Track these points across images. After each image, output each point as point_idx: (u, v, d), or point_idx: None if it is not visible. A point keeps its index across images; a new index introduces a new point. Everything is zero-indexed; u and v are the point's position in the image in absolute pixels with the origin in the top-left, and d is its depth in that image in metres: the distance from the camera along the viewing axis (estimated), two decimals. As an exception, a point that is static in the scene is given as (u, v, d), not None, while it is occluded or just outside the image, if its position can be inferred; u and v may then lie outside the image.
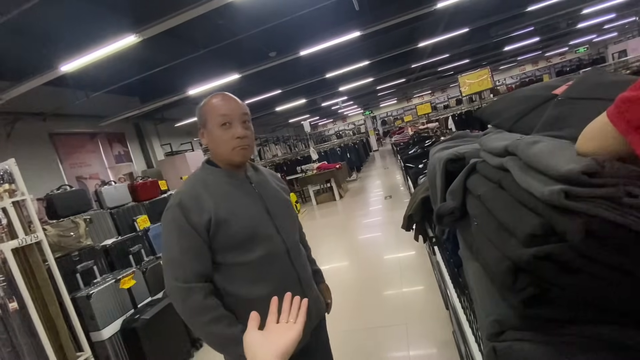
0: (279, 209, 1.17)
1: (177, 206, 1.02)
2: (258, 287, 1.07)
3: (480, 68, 6.27)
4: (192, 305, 0.98)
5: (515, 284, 0.57)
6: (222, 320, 0.99)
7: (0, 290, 1.72)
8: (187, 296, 0.98)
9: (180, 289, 0.99)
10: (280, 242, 1.12)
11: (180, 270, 1.00)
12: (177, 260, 1.01)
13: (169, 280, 1.01)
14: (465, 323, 1.11)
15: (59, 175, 6.54)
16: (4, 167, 1.96)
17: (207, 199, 1.04)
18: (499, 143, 0.79)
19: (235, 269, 1.07)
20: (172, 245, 1.02)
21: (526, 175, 0.59)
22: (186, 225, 1.00)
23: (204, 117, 1.11)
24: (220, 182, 1.10)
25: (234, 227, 1.04)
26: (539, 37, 12.00)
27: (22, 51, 4.86)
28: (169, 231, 1.03)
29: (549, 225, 0.52)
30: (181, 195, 1.05)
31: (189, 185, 1.09)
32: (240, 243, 1.06)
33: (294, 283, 1.14)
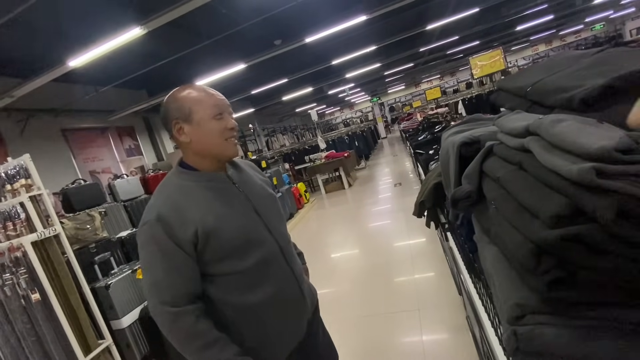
0: (267, 207, 1.09)
1: (156, 222, 0.90)
2: (256, 293, 1.01)
3: (492, 49, 6.07)
4: (182, 331, 0.90)
5: (538, 267, 0.55)
6: (214, 345, 0.91)
7: (22, 282, 1.78)
8: (176, 321, 0.90)
9: (168, 314, 0.90)
10: (274, 243, 1.06)
11: (167, 292, 0.90)
12: (162, 282, 0.90)
13: (154, 303, 0.91)
14: (481, 308, 1.10)
15: (73, 170, 6.67)
16: (20, 162, 2.00)
17: (189, 209, 0.93)
18: (518, 123, 0.76)
19: (231, 278, 0.98)
20: (155, 266, 0.91)
21: (551, 155, 0.56)
22: (169, 243, 0.89)
23: (186, 109, 0.97)
24: (201, 187, 0.99)
25: (224, 236, 0.94)
26: (553, 15, 11.54)
27: (30, 48, 4.91)
28: (149, 250, 0.92)
29: (576, 206, 0.50)
30: (158, 208, 0.92)
31: (164, 195, 0.96)
32: (232, 251, 0.97)
33: (290, 280, 1.10)
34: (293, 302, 1.11)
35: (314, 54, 8.45)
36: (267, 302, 1.02)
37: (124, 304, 2.50)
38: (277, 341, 1.07)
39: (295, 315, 1.12)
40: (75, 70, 4.60)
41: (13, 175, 1.96)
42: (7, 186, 1.96)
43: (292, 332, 1.11)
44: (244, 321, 1.01)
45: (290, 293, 1.10)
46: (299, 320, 1.13)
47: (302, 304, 1.14)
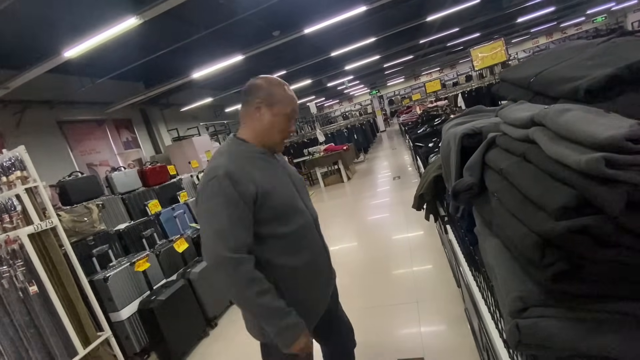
0: (302, 186, 1.27)
1: (225, 176, 1.02)
2: (296, 257, 1.14)
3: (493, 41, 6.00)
4: (243, 276, 1.00)
5: (542, 259, 0.54)
6: (269, 292, 1.03)
7: (20, 274, 1.77)
8: (238, 267, 1.00)
9: (231, 260, 1.00)
10: (309, 216, 1.21)
11: (231, 240, 1.01)
12: (227, 230, 1.01)
13: (218, 250, 1.00)
14: (481, 300, 1.09)
15: (70, 163, 6.63)
16: (15, 154, 1.97)
17: (251, 171, 1.07)
18: (522, 114, 0.74)
19: (276, 240, 1.11)
20: (221, 216, 1.01)
21: (557, 145, 0.55)
22: (235, 196, 1.01)
23: (275, 98, 1.13)
24: (257, 157, 1.14)
25: (276, 200, 1.08)
26: (555, 7, 11.42)
27: (25, 39, 4.82)
28: (216, 202, 1.02)
29: (583, 197, 0.49)
30: (226, 166, 1.05)
31: (231, 157, 1.10)
32: (280, 215, 1.10)
33: (322, 251, 1.25)
34: (324, 273, 1.27)
35: (312, 45, 8.35)
36: (304, 267, 1.16)
37: (123, 297, 2.50)
38: (311, 306, 1.20)
39: (325, 285, 1.28)
40: (70, 61, 4.53)
41: (8, 167, 1.94)
42: (2, 178, 1.94)
43: (323, 300, 1.26)
44: (283, 282, 1.12)
45: (322, 263, 1.25)
46: (328, 290, 1.29)
47: (330, 276, 1.31)
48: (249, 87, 1.15)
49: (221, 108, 12.60)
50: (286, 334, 1.05)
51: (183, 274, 2.89)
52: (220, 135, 11.46)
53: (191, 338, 2.71)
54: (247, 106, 1.15)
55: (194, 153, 7.96)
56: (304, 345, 1.08)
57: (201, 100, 9.93)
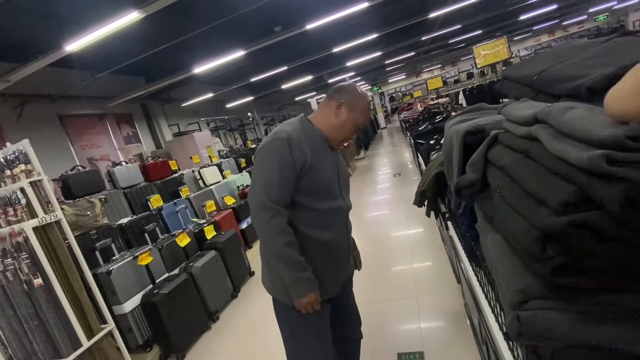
0: (344, 178, 1.38)
1: (285, 140, 1.17)
2: (323, 232, 1.26)
3: (494, 39, 5.99)
4: (277, 225, 1.14)
5: (543, 253, 0.56)
6: (294, 245, 1.17)
7: (24, 267, 1.78)
8: (275, 216, 1.14)
9: (271, 208, 1.14)
10: (343, 204, 1.33)
11: (275, 192, 1.14)
12: (274, 183, 1.15)
13: (261, 197, 1.15)
14: (481, 295, 1.11)
15: (71, 157, 6.63)
16: (19, 147, 1.98)
17: (306, 144, 1.20)
18: (525, 112, 0.75)
19: (307, 212, 1.23)
20: (273, 170, 1.15)
21: (559, 143, 0.56)
22: (289, 158, 1.15)
23: (357, 103, 1.28)
24: (316, 137, 1.27)
25: (319, 176, 1.22)
26: (557, 5, 11.38)
27: (27, 32, 4.81)
28: (273, 158, 1.16)
29: (584, 193, 0.51)
30: (288, 133, 1.19)
31: (294, 128, 1.24)
32: (318, 190, 1.23)
33: (344, 239, 1.36)
34: (342, 258, 1.37)
35: (314, 41, 8.32)
36: (328, 242, 1.27)
37: (126, 290, 2.53)
38: (326, 279, 1.28)
39: (341, 267, 1.37)
40: (71, 55, 4.52)
41: (12, 160, 1.95)
42: (6, 171, 1.95)
43: (336, 280, 1.36)
44: (307, 251, 1.23)
45: (342, 249, 1.35)
46: (342, 273, 1.39)
47: (346, 263, 1.40)
48: (341, 87, 1.31)
49: (222, 103, 12.57)
50: (300, 285, 1.18)
51: (185, 268, 2.91)
52: (221, 131, 11.43)
53: (193, 331, 2.74)
54: (332, 100, 1.29)
55: (195, 148, 7.96)
56: (312, 300, 1.20)
57: (202, 95, 9.91)
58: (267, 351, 2.34)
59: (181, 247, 3.12)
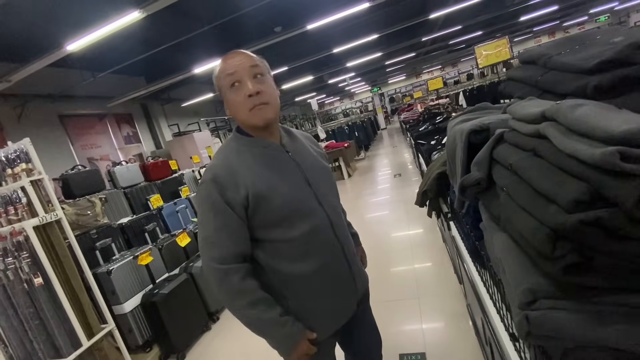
0: (319, 179, 1.08)
1: (211, 181, 0.94)
2: (303, 264, 1.01)
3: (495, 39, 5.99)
4: (229, 288, 0.94)
5: (554, 252, 0.55)
6: (259, 304, 0.95)
7: (25, 266, 1.78)
8: (224, 278, 0.94)
9: (216, 270, 0.94)
10: (323, 215, 1.04)
11: (216, 250, 0.95)
12: (212, 239, 0.95)
13: (205, 259, 0.97)
14: (486, 295, 1.11)
15: (71, 157, 6.62)
16: (20, 146, 1.97)
17: (243, 173, 0.95)
18: (533, 109, 0.75)
19: (279, 245, 1.00)
20: (207, 224, 0.95)
21: (570, 140, 0.56)
22: (221, 203, 0.93)
23: (218, 85, 1.00)
24: (255, 152, 1.00)
25: (274, 203, 0.96)
26: (557, 6, 11.39)
27: (27, 32, 4.80)
28: (204, 209, 0.96)
29: (595, 191, 0.50)
30: (215, 169, 0.96)
31: (222, 157, 1.00)
32: (282, 219, 0.98)
33: (338, 257, 1.08)
34: (341, 279, 1.09)
35: (314, 41, 8.32)
36: (313, 274, 1.02)
37: (126, 290, 2.52)
38: (324, 315, 1.07)
39: (342, 294, 1.11)
40: (72, 55, 4.51)
41: (13, 159, 1.94)
42: (7, 170, 1.94)
43: (339, 310, 1.11)
44: (290, 290, 1.02)
45: (338, 269, 1.08)
46: (347, 299, 1.12)
47: (349, 283, 1.12)
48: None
49: (222, 104, 12.51)
50: (283, 342, 0.99)
51: (185, 268, 2.90)
52: (221, 131, 11.44)
53: (193, 332, 2.73)
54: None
55: (195, 148, 7.95)
56: (305, 349, 1.00)
57: (202, 95, 9.90)
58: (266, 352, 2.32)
59: (181, 247, 3.11)
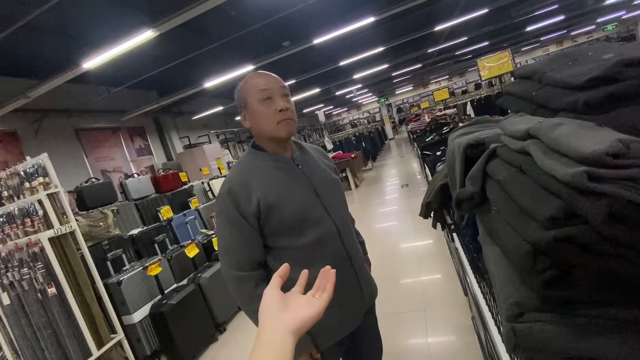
0: (328, 190, 1.14)
1: (227, 195, 1.03)
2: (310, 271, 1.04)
3: (501, 50, 6.03)
4: (243, 294, 1.04)
5: (534, 267, 0.58)
6: None
7: (39, 276, 1.85)
8: (239, 284, 1.04)
9: (233, 277, 1.04)
10: (331, 224, 1.10)
11: (233, 258, 1.04)
12: (229, 248, 1.05)
13: (224, 267, 1.07)
14: (485, 308, 1.12)
15: (85, 169, 6.82)
16: (38, 161, 2.07)
17: (255, 186, 1.03)
18: (520, 126, 0.78)
19: (287, 252, 1.07)
20: (225, 234, 1.05)
21: (549, 158, 0.59)
22: (236, 214, 1.02)
23: (243, 98, 1.09)
24: (267, 166, 1.08)
25: (283, 212, 1.04)
26: (564, 16, 11.38)
27: (46, 50, 5.04)
28: (221, 220, 1.06)
29: (571, 208, 0.53)
30: (230, 183, 1.05)
31: (237, 171, 1.09)
32: (290, 228, 1.05)
33: (346, 265, 1.13)
34: (348, 289, 1.13)
35: (321, 55, 8.49)
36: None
37: (135, 300, 2.57)
38: (329, 325, 1.08)
39: (349, 303, 1.13)
40: (88, 71, 4.71)
41: (32, 173, 2.04)
42: (25, 184, 2.04)
43: (346, 319, 1.13)
44: None
45: (345, 278, 1.11)
46: (354, 309, 1.16)
47: (356, 292, 1.16)
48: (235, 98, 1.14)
49: (232, 116, 12.82)
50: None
51: (193, 279, 2.95)
52: (230, 143, 11.64)
53: (200, 342, 2.75)
54: (240, 116, 1.13)
55: (205, 160, 8.11)
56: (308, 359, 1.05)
57: (212, 108, 10.14)
58: (273, 363, 2.33)
59: (190, 258, 3.17)
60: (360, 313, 1.17)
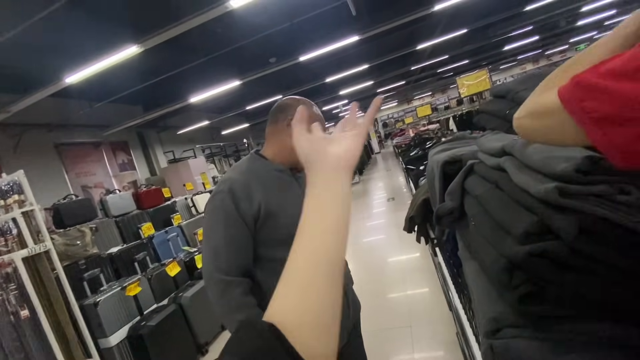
0: None
1: (227, 192, 0.98)
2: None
3: (479, 69, 6.32)
4: (230, 301, 0.95)
5: (511, 282, 0.59)
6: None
7: (12, 297, 1.75)
8: (226, 290, 0.96)
9: (220, 282, 0.96)
10: None
11: (223, 260, 0.97)
12: (220, 249, 0.97)
13: (209, 269, 0.98)
14: (466, 323, 1.12)
15: (65, 185, 6.61)
16: (14, 178, 2.00)
17: (257, 189, 1.01)
18: (495, 144, 0.80)
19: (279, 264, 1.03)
20: (217, 233, 0.98)
21: (522, 174, 0.61)
22: (235, 214, 0.97)
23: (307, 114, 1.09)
24: (271, 175, 1.08)
25: (281, 222, 1.01)
26: (538, 36, 12.02)
27: (28, 64, 4.94)
28: (216, 218, 0.99)
29: (544, 223, 0.54)
30: (232, 181, 1.01)
31: (239, 172, 1.06)
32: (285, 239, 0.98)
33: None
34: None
35: (308, 71, 8.63)
36: None
37: (112, 322, 2.45)
38: None
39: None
40: (71, 85, 4.64)
41: (6, 190, 1.96)
42: (0, 202, 1.96)
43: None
44: None
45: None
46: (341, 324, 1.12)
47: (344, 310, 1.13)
48: (280, 105, 1.13)
49: (218, 130, 12.76)
50: None
51: (174, 299, 2.85)
52: (216, 157, 11.54)
53: (181, 365, 2.64)
54: (277, 123, 1.11)
55: (189, 175, 7.99)
56: None
57: (198, 123, 10.08)
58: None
59: (171, 277, 3.07)
60: (343, 332, 1.13)
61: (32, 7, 3.29)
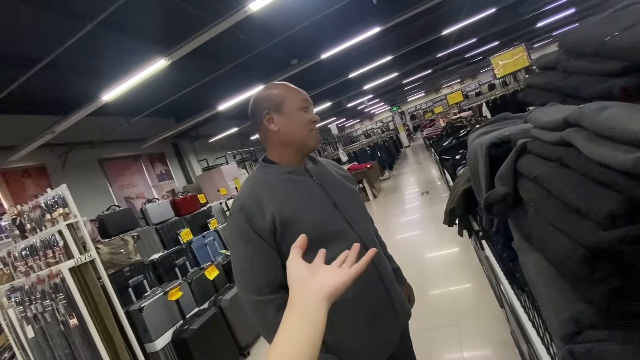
0: (347, 201, 1.08)
1: (239, 212, 0.96)
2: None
3: (513, 47, 5.86)
4: (264, 320, 0.94)
5: (593, 276, 0.48)
6: None
7: (61, 307, 1.84)
8: (258, 310, 0.94)
9: (252, 302, 0.94)
10: (355, 237, 1.02)
11: (251, 281, 0.95)
12: (246, 270, 0.96)
13: (241, 291, 0.97)
14: (528, 323, 1.00)
15: (109, 197, 7.04)
16: (58, 192, 2.11)
17: (268, 200, 0.97)
18: (555, 116, 0.69)
19: None
20: (239, 255, 0.97)
21: (597, 146, 0.50)
22: (250, 232, 0.94)
23: (280, 101, 1.03)
24: (281, 179, 1.02)
25: (303, 227, 0.94)
26: (575, 8, 11.09)
27: (69, 87, 5.32)
28: (234, 240, 0.98)
29: (632, 202, 0.44)
30: (242, 199, 0.99)
31: (248, 186, 1.03)
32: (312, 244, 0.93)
33: (375, 281, 1.04)
34: (379, 305, 1.04)
35: (330, 69, 8.56)
36: (349, 301, 0.96)
37: (157, 327, 2.53)
38: (356, 350, 1.00)
39: (383, 322, 1.05)
40: (108, 103, 4.91)
41: (52, 204, 2.08)
42: (47, 215, 2.08)
43: (381, 341, 1.04)
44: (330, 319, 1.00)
45: (376, 295, 1.04)
46: (387, 327, 1.06)
47: (390, 310, 1.07)
48: (252, 107, 1.07)
49: (246, 136, 13.07)
50: None
51: (214, 302, 2.90)
52: (247, 162, 11.81)
53: (224, 368, 2.68)
54: (260, 125, 1.05)
55: (223, 181, 8.22)
56: None
57: (227, 130, 10.36)
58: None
59: (210, 280, 3.13)
60: (396, 335, 1.07)
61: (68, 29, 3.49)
